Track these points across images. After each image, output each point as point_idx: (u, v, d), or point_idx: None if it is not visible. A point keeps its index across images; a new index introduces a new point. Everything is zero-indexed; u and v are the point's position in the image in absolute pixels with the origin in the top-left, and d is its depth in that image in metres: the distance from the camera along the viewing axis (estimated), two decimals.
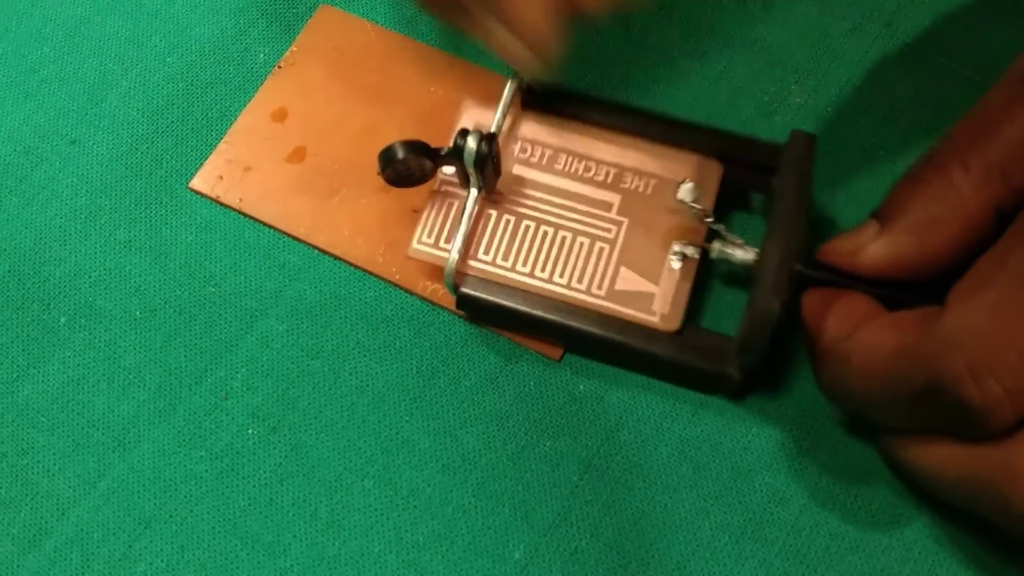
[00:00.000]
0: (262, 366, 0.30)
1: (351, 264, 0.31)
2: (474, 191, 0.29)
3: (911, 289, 0.25)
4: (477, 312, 0.29)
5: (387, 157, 0.28)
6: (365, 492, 0.28)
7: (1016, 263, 0.22)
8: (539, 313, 0.28)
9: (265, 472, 0.28)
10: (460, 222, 0.29)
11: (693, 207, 0.28)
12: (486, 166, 0.28)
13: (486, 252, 0.29)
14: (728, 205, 0.31)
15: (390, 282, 0.31)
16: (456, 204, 0.30)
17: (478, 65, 0.33)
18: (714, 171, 0.29)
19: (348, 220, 0.31)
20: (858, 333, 0.24)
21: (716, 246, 0.28)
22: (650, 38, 0.34)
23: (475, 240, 0.29)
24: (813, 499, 0.28)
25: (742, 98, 0.33)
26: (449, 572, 0.27)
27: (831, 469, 0.28)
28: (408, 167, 0.28)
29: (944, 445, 0.24)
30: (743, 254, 0.27)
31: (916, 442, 0.25)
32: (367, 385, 0.29)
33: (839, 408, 0.28)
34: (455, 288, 0.29)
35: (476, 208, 0.29)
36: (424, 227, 0.29)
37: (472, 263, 0.29)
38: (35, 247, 0.32)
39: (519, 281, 0.28)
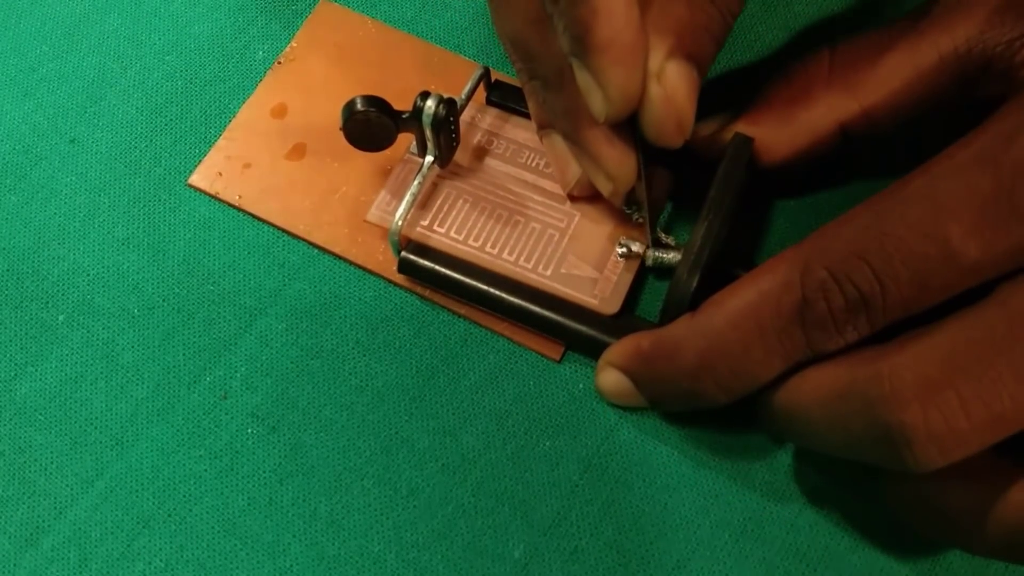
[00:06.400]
0: (261, 365, 0.30)
1: (351, 262, 0.31)
2: (429, 158, 0.30)
3: None
4: (417, 275, 0.30)
5: (348, 109, 0.28)
6: (365, 492, 0.28)
7: (977, 319, 0.22)
8: (477, 283, 0.29)
9: (265, 472, 0.28)
10: (411, 187, 0.29)
11: (632, 212, 0.30)
12: (443, 131, 0.29)
13: (441, 224, 0.30)
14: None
15: (390, 281, 0.31)
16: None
17: (477, 63, 0.33)
18: (664, 179, 0.30)
19: (348, 218, 0.31)
20: (801, 378, 0.24)
21: (651, 253, 0.29)
22: None
23: (432, 212, 0.30)
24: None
25: None
26: (449, 572, 0.27)
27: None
28: (368, 121, 0.28)
29: (816, 371, 0.24)
30: (675, 256, 0.29)
31: (792, 380, 0.24)
32: (367, 385, 0.29)
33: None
34: (398, 251, 0.30)
35: (429, 176, 0.30)
36: (386, 195, 0.31)
37: (424, 231, 0.30)
38: (34, 245, 0.32)
39: (468, 252, 0.30)
